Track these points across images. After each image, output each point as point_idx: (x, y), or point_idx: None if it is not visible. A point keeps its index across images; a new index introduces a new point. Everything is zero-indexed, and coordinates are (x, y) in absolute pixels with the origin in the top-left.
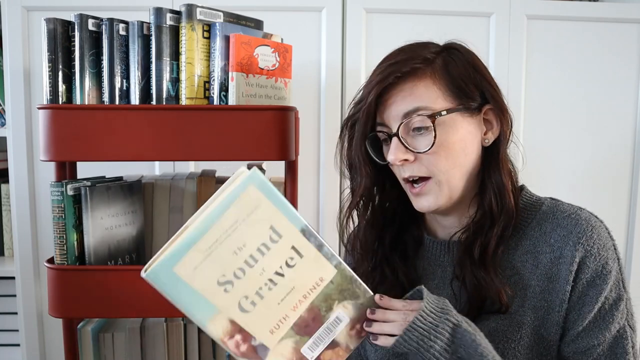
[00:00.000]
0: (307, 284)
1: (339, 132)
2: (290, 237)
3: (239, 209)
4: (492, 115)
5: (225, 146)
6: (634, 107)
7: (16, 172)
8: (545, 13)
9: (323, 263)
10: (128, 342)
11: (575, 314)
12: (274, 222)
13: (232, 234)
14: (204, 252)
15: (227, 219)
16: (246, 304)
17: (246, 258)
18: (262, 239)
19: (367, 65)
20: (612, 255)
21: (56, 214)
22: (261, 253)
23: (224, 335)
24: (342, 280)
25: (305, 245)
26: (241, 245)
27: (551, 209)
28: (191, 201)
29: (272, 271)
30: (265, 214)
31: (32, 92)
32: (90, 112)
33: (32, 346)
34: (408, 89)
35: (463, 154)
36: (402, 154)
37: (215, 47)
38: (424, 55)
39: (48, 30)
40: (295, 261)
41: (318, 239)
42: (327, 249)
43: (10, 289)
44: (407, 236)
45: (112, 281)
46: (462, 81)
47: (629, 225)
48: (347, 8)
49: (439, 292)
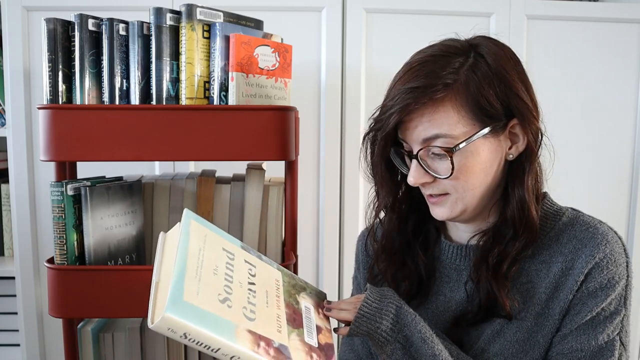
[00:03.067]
0: (271, 285)
1: (339, 132)
2: (238, 254)
3: (196, 239)
4: (519, 129)
5: (225, 146)
6: (634, 107)
7: (16, 172)
8: (545, 13)
9: (268, 268)
10: (128, 342)
11: (568, 317)
12: (223, 244)
13: (204, 259)
14: (195, 279)
15: (193, 247)
16: (249, 313)
17: (224, 276)
18: (224, 259)
19: (367, 66)
20: (622, 272)
21: (56, 214)
22: (230, 270)
23: (252, 345)
24: (287, 278)
25: (251, 257)
26: (215, 266)
27: (571, 221)
28: (191, 201)
29: (245, 282)
30: (213, 239)
31: (32, 92)
32: (91, 112)
33: (32, 346)
34: (428, 115)
35: (483, 174)
36: (420, 178)
37: (215, 47)
38: (445, 80)
39: (48, 30)
40: (254, 271)
41: (255, 251)
42: (265, 257)
43: (10, 289)
44: (430, 225)
45: (112, 281)
46: (486, 101)
47: (629, 225)
48: (347, 8)
49: (453, 295)
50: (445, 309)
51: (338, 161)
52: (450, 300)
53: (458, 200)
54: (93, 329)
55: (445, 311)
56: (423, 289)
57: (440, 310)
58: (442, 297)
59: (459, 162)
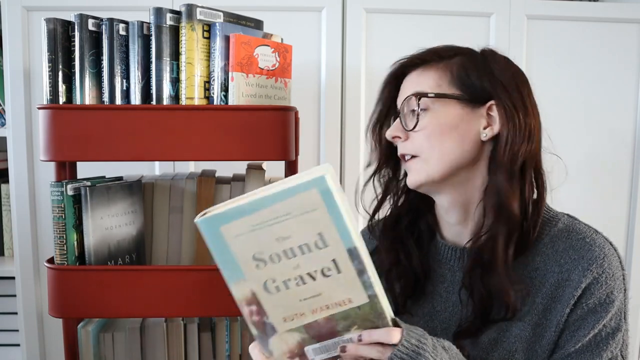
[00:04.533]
0: (335, 298)
1: (339, 132)
2: (334, 251)
3: (295, 204)
4: (497, 112)
5: (225, 146)
6: (634, 107)
7: (16, 172)
8: (545, 13)
9: (358, 288)
10: (128, 342)
11: (568, 334)
12: (324, 230)
13: (281, 222)
14: (250, 226)
15: (282, 208)
16: (271, 286)
17: (286, 249)
18: (307, 240)
19: (367, 66)
20: (619, 285)
21: (56, 214)
22: (302, 251)
23: (242, 299)
24: (370, 310)
25: (347, 264)
26: (286, 236)
27: (567, 228)
28: (191, 201)
29: (305, 271)
30: (318, 219)
31: (32, 92)
32: (90, 112)
33: (32, 346)
34: (415, 77)
35: (453, 140)
36: (394, 131)
37: (215, 47)
38: (439, 53)
39: (48, 30)
40: (331, 273)
41: (362, 264)
42: (368, 277)
43: (10, 289)
44: (422, 223)
45: (112, 281)
46: (466, 74)
47: (629, 225)
48: (347, 8)
49: (447, 296)
50: (442, 309)
51: (338, 161)
52: (447, 301)
53: (425, 163)
54: (93, 329)
55: (442, 311)
56: (419, 288)
57: (437, 310)
58: (437, 297)
59: (429, 118)
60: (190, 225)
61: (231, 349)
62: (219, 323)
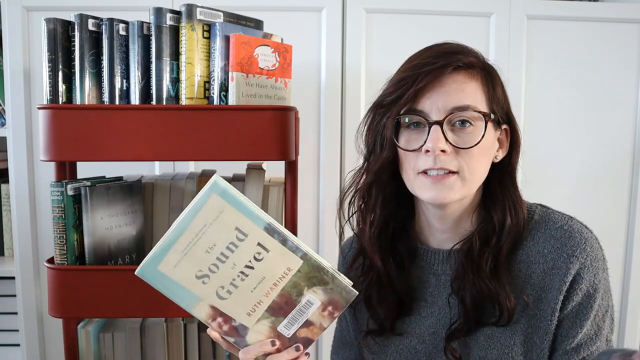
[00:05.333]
0: (276, 274)
1: (339, 132)
2: (254, 236)
3: (205, 215)
4: (505, 136)
5: (225, 146)
6: (634, 107)
7: (16, 172)
8: (545, 13)
9: (289, 255)
10: (128, 342)
11: (570, 321)
12: (238, 224)
13: (203, 236)
14: (180, 253)
15: (197, 224)
16: (223, 293)
17: (217, 255)
18: (230, 239)
19: (367, 65)
20: (602, 265)
21: (56, 214)
22: (230, 250)
23: (207, 317)
24: (309, 269)
25: (270, 241)
26: (212, 245)
27: (543, 219)
28: (191, 201)
29: (242, 265)
30: (229, 217)
31: (32, 92)
32: (90, 112)
33: (32, 346)
34: (461, 83)
35: (487, 160)
36: (442, 144)
37: (215, 47)
38: (477, 56)
39: (48, 30)
40: (262, 255)
41: (282, 234)
42: (292, 242)
43: (10, 289)
44: (401, 247)
45: (112, 281)
46: (498, 95)
47: (629, 226)
48: (347, 8)
49: (433, 300)
50: (429, 314)
51: (338, 161)
52: (433, 306)
53: (465, 182)
54: (93, 329)
55: (428, 316)
56: (405, 310)
57: (423, 315)
58: (423, 303)
59: (477, 137)
60: None
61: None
62: None
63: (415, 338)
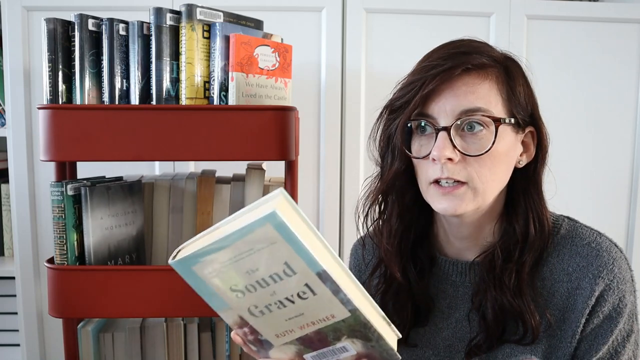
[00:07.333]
0: (318, 315)
1: (339, 132)
2: (304, 276)
3: (254, 239)
4: (531, 138)
5: (225, 146)
6: (634, 107)
7: (16, 172)
8: (545, 13)
9: (337, 305)
10: (128, 342)
11: (587, 344)
12: (289, 260)
13: (246, 258)
14: (219, 264)
15: (243, 245)
16: (255, 311)
17: (258, 280)
18: (275, 270)
19: (367, 65)
20: (630, 287)
21: (56, 214)
22: (274, 280)
23: (233, 323)
24: (354, 323)
25: (320, 287)
26: (254, 268)
27: (570, 233)
28: (191, 201)
29: (282, 296)
30: (280, 251)
31: (32, 92)
32: (90, 112)
33: (32, 346)
34: (472, 85)
35: (505, 167)
36: (449, 152)
37: (215, 47)
38: (492, 54)
39: (48, 30)
40: (307, 295)
41: (335, 284)
42: (344, 295)
43: (10, 289)
44: (422, 254)
45: (112, 281)
46: (518, 94)
47: (629, 226)
48: (347, 8)
49: (450, 312)
50: (445, 326)
51: (338, 161)
52: (449, 317)
53: (476, 192)
54: (93, 329)
55: (444, 328)
56: (421, 319)
57: (439, 327)
58: (439, 314)
59: (490, 143)
60: (191, 225)
61: (231, 349)
62: (219, 323)
63: (430, 350)
